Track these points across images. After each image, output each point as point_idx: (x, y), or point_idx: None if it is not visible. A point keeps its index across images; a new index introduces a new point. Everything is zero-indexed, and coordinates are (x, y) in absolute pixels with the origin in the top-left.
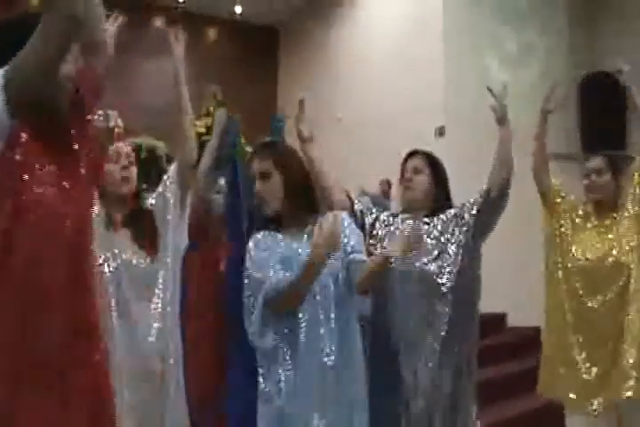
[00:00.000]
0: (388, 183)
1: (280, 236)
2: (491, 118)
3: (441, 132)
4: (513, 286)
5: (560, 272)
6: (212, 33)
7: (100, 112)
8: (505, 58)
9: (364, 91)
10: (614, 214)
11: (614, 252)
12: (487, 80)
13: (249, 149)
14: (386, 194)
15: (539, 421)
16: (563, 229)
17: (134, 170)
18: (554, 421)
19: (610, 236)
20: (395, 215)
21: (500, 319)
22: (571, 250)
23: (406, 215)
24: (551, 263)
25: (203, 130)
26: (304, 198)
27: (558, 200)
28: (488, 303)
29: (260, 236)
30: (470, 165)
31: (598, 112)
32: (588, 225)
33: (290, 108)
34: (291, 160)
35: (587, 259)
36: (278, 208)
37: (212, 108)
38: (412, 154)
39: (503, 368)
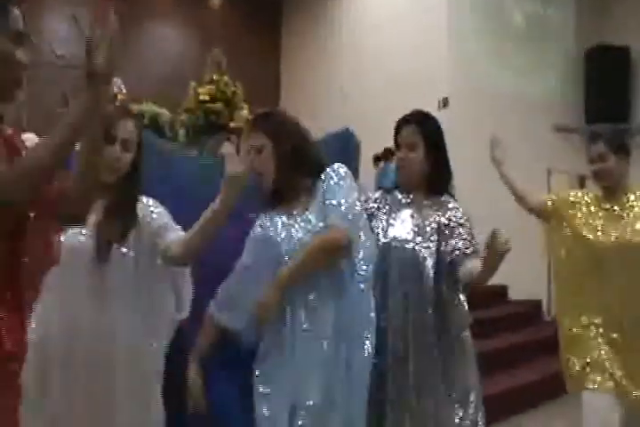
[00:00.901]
0: (391, 152)
1: (278, 220)
2: (495, 88)
3: (444, 103)
4: (514, 259)
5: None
6: (217, 2)
7: None
8: (511, 30)
9: (367, 62)
10: (625, 197)
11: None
12: (490, 51)
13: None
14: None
15: (539, 392)
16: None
17: (128, 156)
18: (554, 392)
19: (624, 220)
20: (391, 194)
21: (501, 292)
22: (585, 236)
23: (405, 198)
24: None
25: (206, 97)
26: (297, 164)
27: (572, 212)
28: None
29: (258, 230)
30: (473, 137)
31: (603, 84)
32: (600, 211)
33: (292, 77)
34: (281, 129)
35: (601, 242)
36: (274, 180)
37: (214, 76)
38: (404, 121)
39: (504, 340)
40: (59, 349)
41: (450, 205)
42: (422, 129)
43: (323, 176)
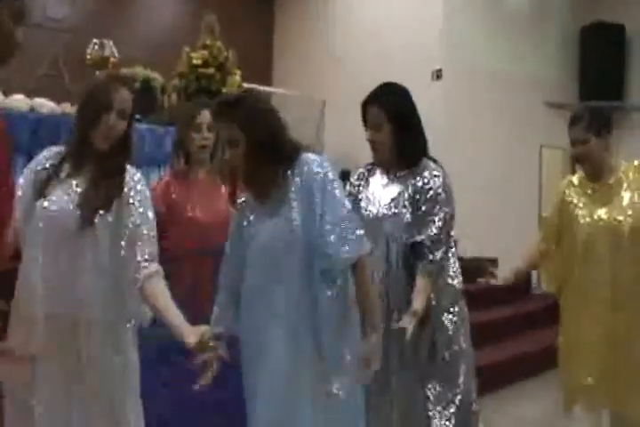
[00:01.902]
0: None
1: (249, 214)
2: (489, 62)
3: (438, 75)
4: (505, 232)
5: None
6: None
7: (96, 41)
8: (507, 5)
9: (361, 30)
10: (609, 181)
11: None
12: (486, 25)
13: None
14: None
15: (530, 363)
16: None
17: (123, 124)
18: (542, 365)
19: (609, 201)
20: (371, 171)
21: (492, 264)
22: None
23: (383, 174)
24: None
25: (199, 62)
26: (271, 156)
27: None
28: (480, 248)
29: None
30: (466, 109)
31: (598, 61)
32: (585, 194)
33: (284, 44)
34: (254, 118)
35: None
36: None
37: (207, 42)
38: (368, 102)
39: (495, 312)
40: (41, 310)
41: (426, 173)
42: (386, 108)
43: (303, 170)
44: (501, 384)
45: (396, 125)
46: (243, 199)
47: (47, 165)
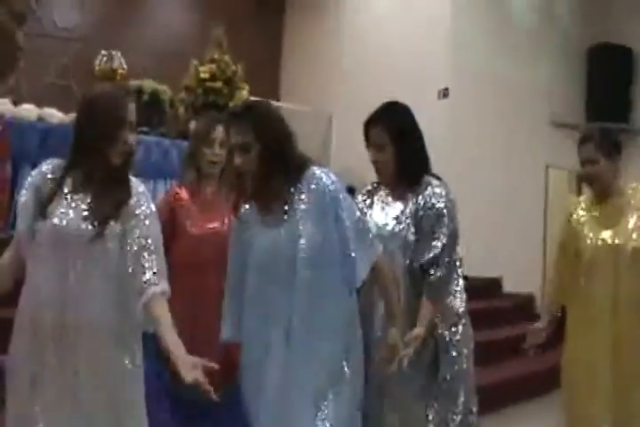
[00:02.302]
0: None
1: (251, 224)
2: (496, 81)
3: (445, 93)
4: (510, 252)
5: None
6: None
7: (104, 52)
8: (514, 23)
9: (369, 48)
10: (615, 204)
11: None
12: (493, 43)
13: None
14: None
15: (535, 383)
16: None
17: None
18: (546, 385)
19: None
20: (377, 189)
21: (496, 284)
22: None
23: (387, 193)
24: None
25: (207, 76)
26: (280, 165)
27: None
28: (485, 268)
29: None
30: (472, 128)
31: (604, 83)
32: (591, 214)
33: (293, 59)
34: (268, 126)
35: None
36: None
37: (215, 55)
38: (370, 122)
39: (497, 332)
40: (47, 318)
41: (428, 190)
42: (388, 128)
43: (312, 184)
44: (505, 404)
45: (398, 145)
46: (245, 209)
47: (49, 180)
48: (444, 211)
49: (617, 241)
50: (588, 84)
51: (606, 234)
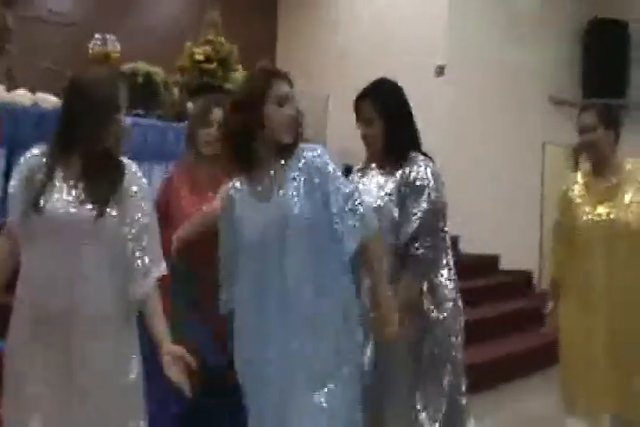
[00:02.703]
0: None
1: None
2: (493, 58)
3: (441, 71)
4: (507, 230)
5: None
6: None
7: (98, 36)
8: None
9: (365, 26)
10: (613, 179)
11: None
12: (491, 21)
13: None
14: None
15: (529, 360)
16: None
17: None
18: (546, 361)
19: (610, 200)
20: (368, 166)
21: (492, 261)
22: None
23: (377, 168)
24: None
25: (201, 57)
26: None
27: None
28: (481, 245)
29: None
30: (469, 105)
31: (602, 59)
32: (588, 190)
33: (288, 39)
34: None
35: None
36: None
37: (210, 37)
38: (360, 97)
39: (494, 309)
40: (50, 306)
41: (413, 166)
42: (378, 103)
43: (302, 160)
44: (504, 379)
45: (386, 120)
46: (235, 184)
47: (39, 167)
48: (425, 187)
49: (612, 216)
50: (585, 60)
51: (602, 209)
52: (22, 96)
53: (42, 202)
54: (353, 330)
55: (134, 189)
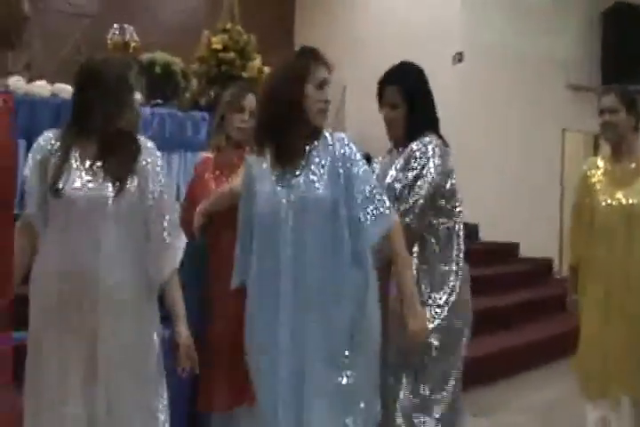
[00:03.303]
0: None
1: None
2: (511, 45)
3: (459, 58)
4: (526, 217)
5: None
6: None
7: (116, 26)
8: None
9: (383, 13)
10: (631, 164)
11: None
12: (507, 7)
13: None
14: None
15: (549, 347)
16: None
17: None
18: (564, 347)
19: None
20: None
21: (512, 249)
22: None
23: (397, 152)
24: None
25: (219, 46)
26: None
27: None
28: (502, 233)
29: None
30: (487, 92)
31: (620, 44)
32: (607, 176)
33: (306, 28)
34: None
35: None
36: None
37: (228, 26)
38: (385, 81)
39: (514, 296)
40: (56, 286)
41: (411, 147)
42: (403, 88)
43: (329, 146)
44: (522, 368)
45: (410, 105)
46: (257, 163)
47: (53, 152)
48: (419, 165)
49: (630, 201)
50: (603, 46)
51: (620, 194)
52: (41, 87)
53: (60, 185)
54: (369, 316)
55: (151, 164)
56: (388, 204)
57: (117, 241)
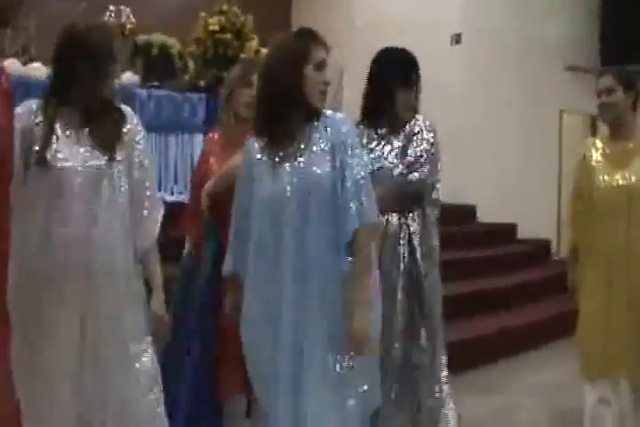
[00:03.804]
0: None
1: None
2: (509, 26)
3: (457, 40)
4: (524, 198)
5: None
6: None
7: (112, 8)
8: None
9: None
10: (629, 144)
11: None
12: None
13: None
14: None
15: (547, 328)
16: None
17: None
18: (563, 328)
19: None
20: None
21: (510, 231)
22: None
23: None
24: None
25: (216, 28)
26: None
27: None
28: (499, 214)
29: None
30: (486, 74)
31: (619, 25)
32: (606, 156)
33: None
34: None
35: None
36: None
37: (225, 6)
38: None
39: (512, 278)
40: (68, 262)
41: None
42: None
43: (329, 127)
44: (520, 349)
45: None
46: (255, 147)
47: (36, 124)
48: (430, 133)
49: (631, 180)
50: (602, 27)
51: (619, 174)
52: (37, 69)
53: (48, 155)
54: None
55: (134, 132)
56: (373, 200)
57: (108, 212)
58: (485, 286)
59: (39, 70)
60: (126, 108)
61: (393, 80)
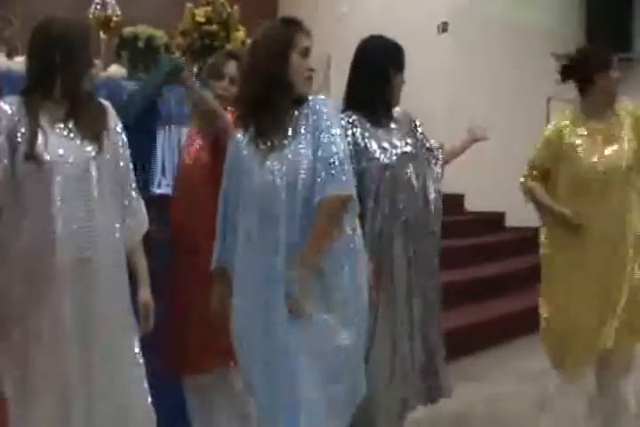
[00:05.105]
0: None
1: (250, 153)
2: (495, 13)
3: (444, 28)
4: (512, 187)
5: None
6: None
7: (98, 0)
8: None
9: None
10: (610, 120)
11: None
12: None
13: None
14: None
15: (535, 316)
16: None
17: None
18: None
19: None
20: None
21: (498, 219)
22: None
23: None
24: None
25: (202, 19)
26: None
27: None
28: (487, 203)
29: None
30: (472, 62)
31: (606, 12)
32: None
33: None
34: None
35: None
36: None
37: None
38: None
39: (501, 266)
40: (66, 258)
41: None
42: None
43: (310, 110)
44: (508, 337)
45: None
46: (239, 136)
47: (20, 119)
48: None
49: (613, 156)
50: (588, 13)
51: (602, 151)
52: (22, 63)
53: (37, 150)
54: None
55: (116, 124)
56: (342, 174)
57: (101, 202)
58: (474, 275)
59: (23, 64)
60: (105, 102)
61: (389, 64)
